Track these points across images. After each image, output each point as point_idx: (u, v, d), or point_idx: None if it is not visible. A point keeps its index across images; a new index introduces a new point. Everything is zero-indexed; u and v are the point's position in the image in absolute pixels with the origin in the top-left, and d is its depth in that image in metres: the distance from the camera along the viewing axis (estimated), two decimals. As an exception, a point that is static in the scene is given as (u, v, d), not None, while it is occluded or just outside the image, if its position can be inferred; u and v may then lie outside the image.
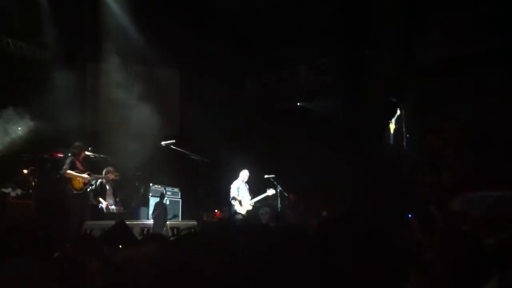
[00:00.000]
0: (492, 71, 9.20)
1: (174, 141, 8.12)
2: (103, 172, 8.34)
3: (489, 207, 7.44)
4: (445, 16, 9.71)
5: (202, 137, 9.91)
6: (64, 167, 7.78)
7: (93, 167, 8.28)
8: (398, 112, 10.42)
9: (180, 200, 9.74)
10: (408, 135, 9.97)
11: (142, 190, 9.44)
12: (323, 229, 2.84)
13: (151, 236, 6.35)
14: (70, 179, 7.73)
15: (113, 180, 8.56)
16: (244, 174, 9.90)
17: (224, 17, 11.08)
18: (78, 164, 7.92)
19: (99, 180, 8.36)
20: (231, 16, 11.01)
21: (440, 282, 2.29)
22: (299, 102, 12.67)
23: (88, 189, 7.97)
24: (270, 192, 9.88)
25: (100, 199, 8.64)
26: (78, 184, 7.82)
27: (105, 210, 8.58)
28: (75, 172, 7.79)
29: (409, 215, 7.57)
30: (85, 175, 7.86)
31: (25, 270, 2.34)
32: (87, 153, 8.16)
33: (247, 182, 9.96)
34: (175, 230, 7.48)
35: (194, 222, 8.03)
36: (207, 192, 8.36)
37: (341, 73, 11.52)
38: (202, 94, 11.35)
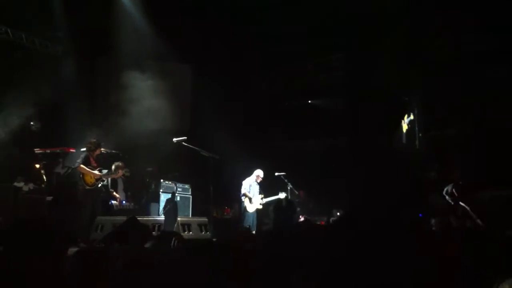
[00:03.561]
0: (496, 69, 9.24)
1: (185, 137, 8.13)
2: (113, 167, 8.38)
3: (500, 206, 7.48)
4: (449, 15, 9.73)
5: (213, 134, 9.94)
6: (78, 161, 7.84)
7: (105, 163, 8.34)
8: (412, 116, 10.44)
9: (191, 196, 9.79)
10: (420, 134, 10.00)
11: (153, 186, 9.48)
12: (336, 227, 2.89)
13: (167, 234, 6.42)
14: (82, 175, 7.78)
15: (123, 176, 8.62)
16: (258, 173, 9.84)
17: (234, 13, 11.10)
18: (92, 160, 7.97)
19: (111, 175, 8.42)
20: (240, 12, 11.03)
21: (443, 282, 2.32)
22: (309, 100, 12.69)
23: (100, 185, 8.03)
24: (282, 195, 9.83)
25: (112, 194, 8.71)
26: (90, 180, 7.86)
27: (116, 206, 8.64)
28: (88, 168, 7.86)
29: (420, 214, 7.63)
30: (96, 172, 7.92)
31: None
32: (101, 149, 8.23)
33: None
34: (186, 226, 7.53)
35: (204, 219, 8.06)
36: (218, 189, 8.37)
37: (349, 70, 11.57)
38: (213, 91, 11.38)
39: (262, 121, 12.60)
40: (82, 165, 7.76)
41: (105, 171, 8.11)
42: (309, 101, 12.84)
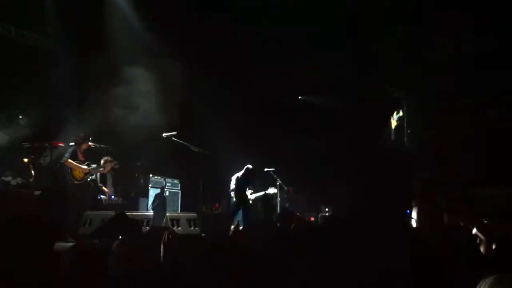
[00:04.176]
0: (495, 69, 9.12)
1: (175, 133, 8.05)
2: (101, 162, 8.31)
3: (500, 206, 7.27)
4: (448, 14, 9.64)
5: (203, 130, 9.86)
6: (66, 155, 7.79)
7: (94, 158, 8.25)
8: (401, 113, 10.34)
9: (180, 191, 9.70)
10: (409, 131, 9.88)
11: (141, 181, 9.41)
12: (328, 226, 2.79)
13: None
14: (71, 169, 7.73)
15: (112, 170, 8.53)
16: (247, 171, 9.75)
17: (229, 10, 11.08)
18: (79, 154, 7.92)
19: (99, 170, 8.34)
20: (235, 9, 11.00)
21: (439, 280, 2.21)
22: (300, 96, 12.62)
23: (89, 179, 7.94)
24: (271, 190, 9.72)
25: (101, 189, 8.62)
26: (78, 174, 7.81)
27: (104, 201, 8.56)
28: (76, 162, 7.78)
29: (407, 212, 7.45)
30: (84, 166, 7.85)
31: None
32: (89, 143, 8.15)
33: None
34: (174, 221, 7.45)
35: (193, 214, 7.96)
36: (207, 184, 8.27)
37: (344, 68, 11.50)
38: (204, 86, 11.33)
39: (261, 120, 12.51)
40: (69, 160, 7.71)
41: (93, 166, 8.02)
42: (307, 100, 12.77)
